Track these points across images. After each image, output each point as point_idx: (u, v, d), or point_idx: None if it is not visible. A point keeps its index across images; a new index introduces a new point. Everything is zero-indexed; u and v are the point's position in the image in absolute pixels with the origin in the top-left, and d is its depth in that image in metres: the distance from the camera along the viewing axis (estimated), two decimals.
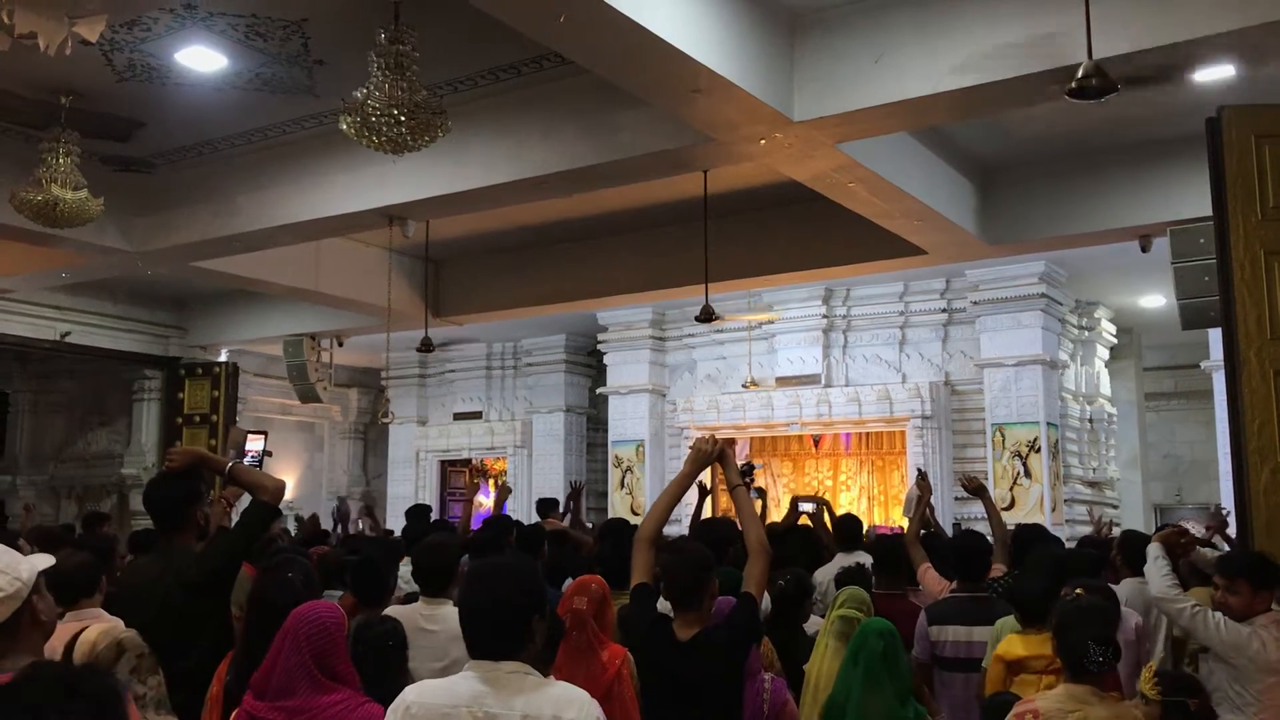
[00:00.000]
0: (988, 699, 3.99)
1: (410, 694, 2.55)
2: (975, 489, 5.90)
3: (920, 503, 5.96)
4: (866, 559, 6.10)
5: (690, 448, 3.66)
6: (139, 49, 6.80)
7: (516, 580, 2.61)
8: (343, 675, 2.98)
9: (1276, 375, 5.46)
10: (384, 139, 5.85)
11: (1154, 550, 4.45)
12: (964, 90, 5.77)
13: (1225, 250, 5.60)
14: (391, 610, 4.33)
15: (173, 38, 6.65)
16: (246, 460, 6.39)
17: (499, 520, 6.80)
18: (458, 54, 6.90)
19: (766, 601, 5.26)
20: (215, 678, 3.51)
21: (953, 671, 4.78)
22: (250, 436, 12.76)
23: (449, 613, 4.18)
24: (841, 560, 6.25)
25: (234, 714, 3.11)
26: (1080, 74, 4.48)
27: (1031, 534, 6.08)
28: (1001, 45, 5.63)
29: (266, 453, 13.91)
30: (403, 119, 5.72)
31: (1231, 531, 6.59)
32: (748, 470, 11.29)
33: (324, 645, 2.94)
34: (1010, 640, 4.29)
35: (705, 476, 5.76)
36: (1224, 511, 7.21)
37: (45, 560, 2.38)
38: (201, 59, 6.91)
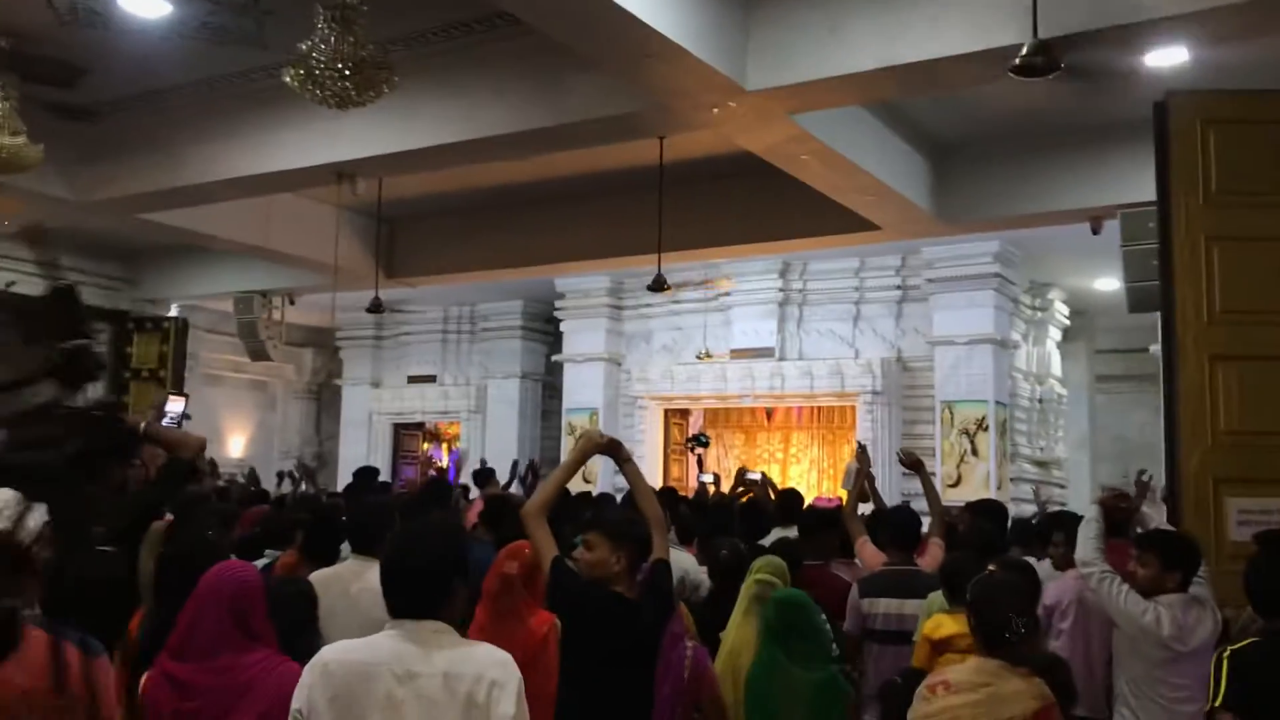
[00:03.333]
0: (891, 678, 4.02)
1: (328, 653, 2.53)
2: (913, 464, 5.90)
3: (859, 475, 5.97)
4: None
5: (580, 435, 3.70)
6: None
7: (441, 541, 2.61)
8: (262, 634, 2.96)
9: (1211, 360, 5.52)
10: (328, 93, 5.79)
11: (1091, 513, 4.48)
12: (912, 65, 5.76)
13: (1167, 234, 5.64)
14: (322, 570, 4.29)
15: None
16: (165, 422, 6.22)
17: (437, 484, 6.76)
18: (410, 10, 6.79)
19: (705, 575, 5.30)
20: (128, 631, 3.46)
21: (884, 644, 4.79)
22: (171, 397, 12.49)
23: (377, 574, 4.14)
24: (779, 534, 6.26)
25: (146, 676, 3.07)
26: (1024, 51, 4.47)
27: (983, 508, 6.12)
28: (951, 21, 5.61)
29: (185, 415, 13.59)
30: (347, 73, 5.65)
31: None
32: (704, 441, 11.36)
33: (246, 604, 2.92)
34: (938, 619, 4.30)
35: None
36: (1146, 477, 7.28)
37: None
38: (145, 4, 6.76)
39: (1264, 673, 3.19)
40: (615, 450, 3.64)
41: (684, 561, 5.36)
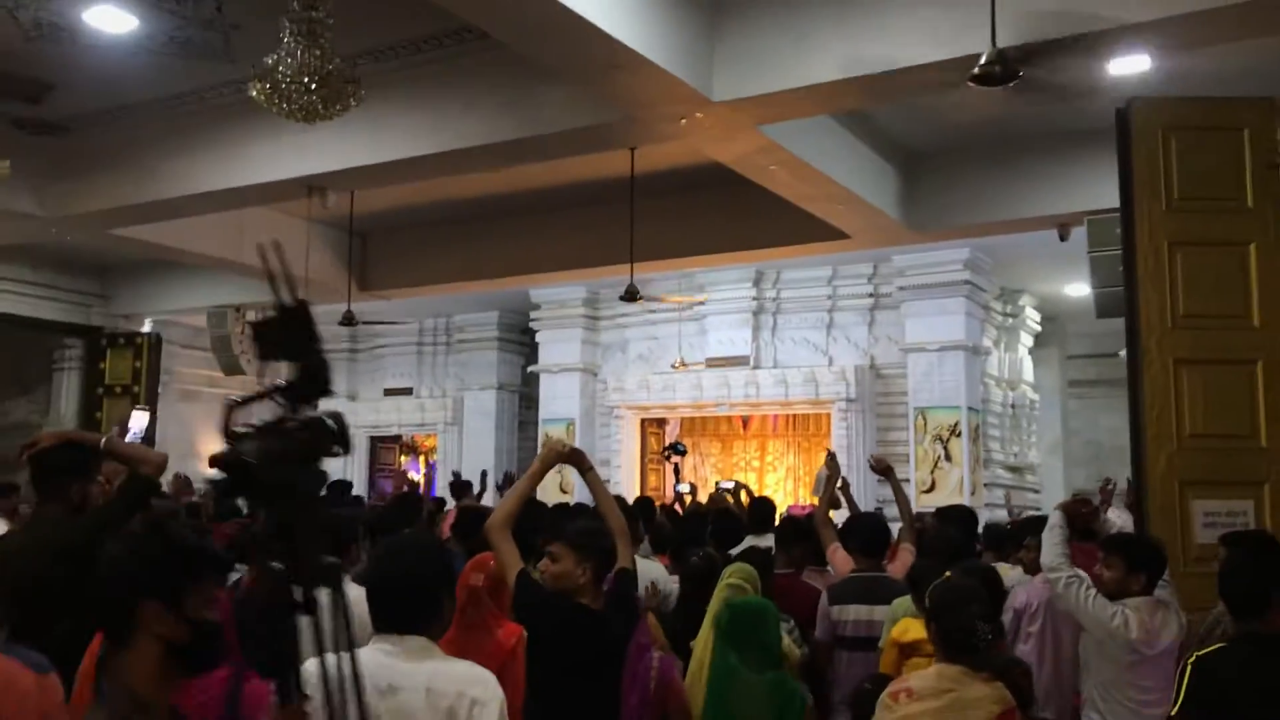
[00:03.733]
0: (861, 684, 4.04)
1: (311, 664, 2.52)
2: (883, 469, 5.95)
3: (829, 482, 5.98)
4: None
5: (543, 445, 3.73)
6: (45, 7, 6.61)
7: (426, 556, 2.63)
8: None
9: (1176, 364, 5.57)
10: (295, 106, 5.78)
11: (1054, 518, 4.50)
12: (875, 75, 5.80)
13: (1130, 240, 5.70)
14: None
15: None
16: (129, 438, 6.11)
17: (407, 497, 6.75)
18: (379, 24, 6.80)
19: (675, 585, 5.31)
20: (87, 653, 3.43)
21: (854, 651, 4.81)
22: (135, 413, 12.37)
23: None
24: (752, 542, 6.27)
25: None
26: (983, 60, 4.52)
27: (952, 514, 6.15)
28: (914, 31, 5.66)
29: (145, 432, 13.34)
30: (314, 86, 5.64)
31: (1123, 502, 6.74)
32: (680, 450, 11.36)
33: None
34: (905, 623, 4.32)
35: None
36: (1111, 485, 7.40)
37: None
38: (111, 19, 6.74)
39: (1230, 678, 3.16)
40: (578, 459, 3.66)
41: (653, 571, 5.38)
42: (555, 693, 3.35)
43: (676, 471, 11.03)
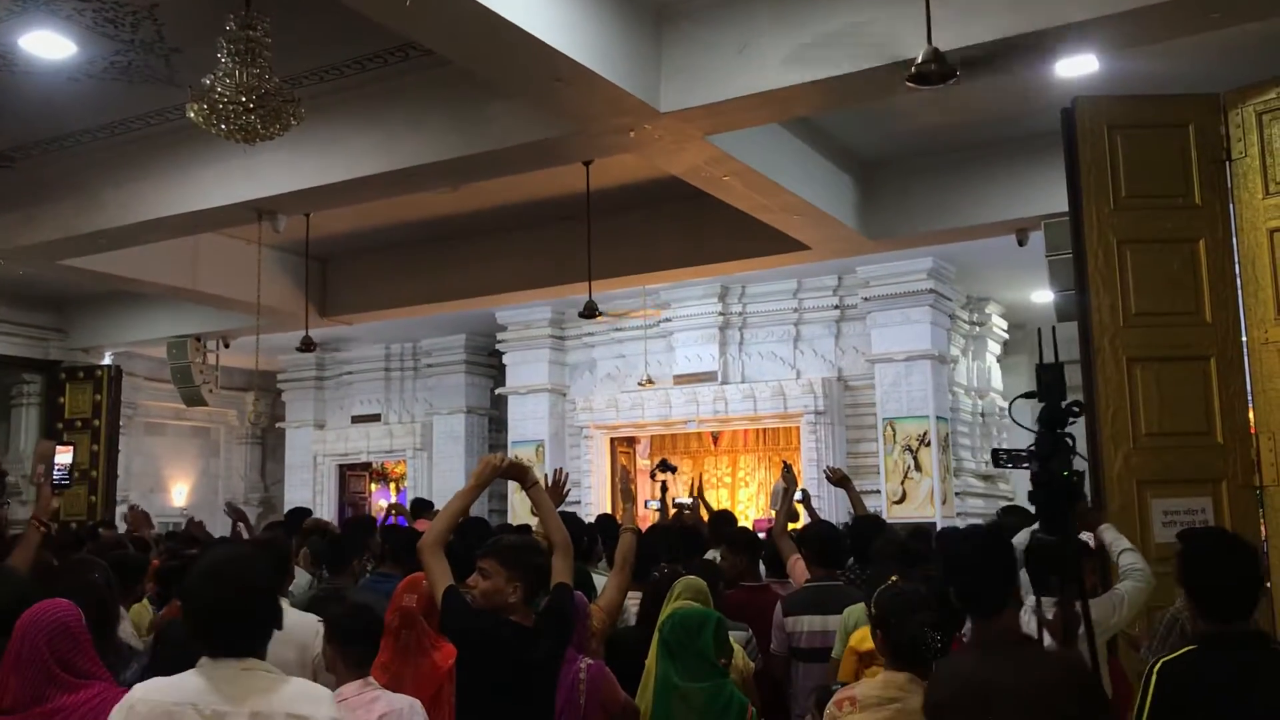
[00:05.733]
0: (818, 693, 3.95)
1: (138, 691, 2.43)
2: (839, 480, 5.90)
3: (786, 495, 5.92)
4: None
5: (480, 460, 3.62)
6: None
7: (250, 570, 2.49)
8: (91, 672, 2.83)
9: (1130, 362, 5.55)
10: (234, 127, 5.69)
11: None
12: (818, 82, 5.75)
13: (1080, 239, 5.68)
14: None
15: (14, 22, 6.36)
16: (56, 475, 5.89)
17: (360, 520, 6.63)
18: (323, 43, 6.72)
19: (634, 598, 5.21)
20: None
21: (810, 662, 4.72)
22: (60, 449, 12.17)
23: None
24: (714, 555, 6.19)
25: None
26: (919, 60, 4.47)
27: (870, 527, 6.08)
28: (855, 37, 5.61)
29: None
30: (251, 106, 5.55)
31: None
32: (669, 467, 11.20)
33: (67, 645, 2.78)
34: (864, 632, 4.24)
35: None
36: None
37: None
38: (48, 45, 6.63)
39: (1196, 687, 2.84)
40: (519, 474, 3.55)
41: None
42: (483, 714, 3.24)
43: (664, 488, 10.85)
